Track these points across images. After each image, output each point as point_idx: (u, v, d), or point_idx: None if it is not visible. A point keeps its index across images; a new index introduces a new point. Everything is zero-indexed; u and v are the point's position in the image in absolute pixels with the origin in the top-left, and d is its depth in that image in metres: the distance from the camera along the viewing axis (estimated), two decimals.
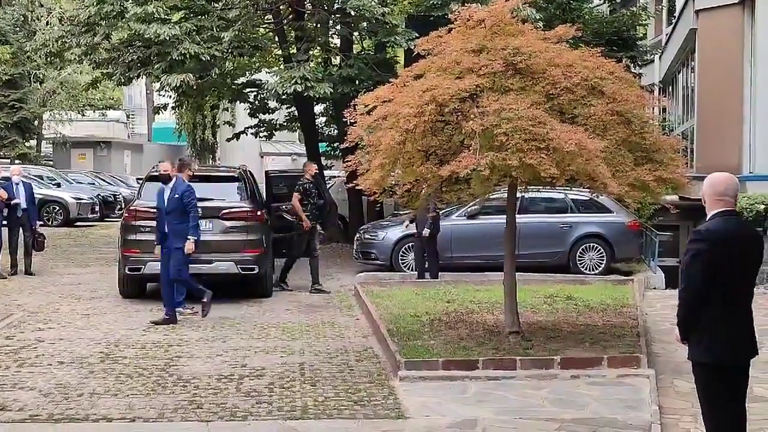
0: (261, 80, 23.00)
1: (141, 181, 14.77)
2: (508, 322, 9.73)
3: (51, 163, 41.89)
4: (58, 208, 25.89)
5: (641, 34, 25.86)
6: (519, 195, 10.57)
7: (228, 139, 27.64)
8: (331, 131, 26.37)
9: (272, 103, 23.94)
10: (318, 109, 25.36)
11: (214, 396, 7.95)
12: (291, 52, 20.05)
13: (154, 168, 14.94)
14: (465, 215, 16.35)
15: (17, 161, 32.60)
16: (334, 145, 25.91)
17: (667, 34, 27.27)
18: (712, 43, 20.15)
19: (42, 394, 7.97)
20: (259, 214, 13.51)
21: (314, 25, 19.96)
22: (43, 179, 27.61)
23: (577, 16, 19.62)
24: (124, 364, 9.12)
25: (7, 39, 36.54)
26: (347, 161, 9.88)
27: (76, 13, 19.77)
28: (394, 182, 9.77)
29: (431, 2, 17.50)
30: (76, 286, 14.66)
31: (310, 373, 8.77)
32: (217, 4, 19.01)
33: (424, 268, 15.17)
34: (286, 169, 29.16)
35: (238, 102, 25.51)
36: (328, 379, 8.53)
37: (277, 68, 20.17)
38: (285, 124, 26.57)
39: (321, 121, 26.80)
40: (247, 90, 23.38)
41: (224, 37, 17.64)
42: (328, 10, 19.65)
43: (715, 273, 5.12)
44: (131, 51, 18.87)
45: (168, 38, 17.09)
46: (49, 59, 23.08)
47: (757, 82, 18.23)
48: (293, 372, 8.82)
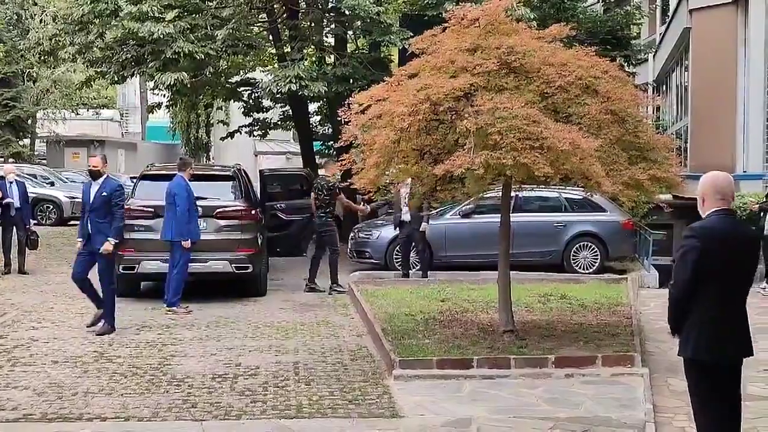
0: (255, 79, 22.99)
1: (135, 180, 14.72)
2: (503, 320, 9.74)
3: (44, 161, 41.80)
4: (51, 206, 25.83)
5: (635, 34, 25.89)
6: (513, 194, 10.55)
7: (222, 138, 27.62)
8: (325, 130, 26.34)
9: (266, 102, 23.94)
10: (312, 107, 25.35)
11: (209, 395, 7.94)
12: (285, 51, 20.05)
13: (148, 167, 14.96)
14: (459, 214, 16.36)
15: (11, 160, 32.53)
16: (329, 144, 25.90)
17: (660, 34, 27.32)
18: (705, 42, 20.21)
19: (36, 393, 7.96)
20: (253, 213, 13.50)
21: (308, 23, 19.96)
22: (36, 178, 27.54)
23: (571, 15, 19.62)
24: (118, 363, 9.11)
25: (1, 37, 36.45)
26: (341, 160, 9.90)
27: (69, 12, 19.73)
28: (388, 181, 9.77)
29: (426, 1, 17.51)
30: (69, 285, 14.50)
31: (305, 372, 8.77)
32: (211, 3, 18.99)
33: (409, 265, 15.26)
34: (281, 168, 29.15)
35: (233, 101, 25.48)
36: (323, 378, 8.53)
37: (272, 67, 20.16)
38: (279, 123, 26.57)
39: (315, 120, 26.78)
40: (242, 89, 23.37)
41: (218, 36, 17.63)
42: (322, 8, 19.65)
43: (707, 271, 5.08)
44: (125, 49, 18.81)
45: (162, 37, 17.08)
46: (42, 57, 23.11)
47: (751, 81, 18.27)
48: (287, 371, 8.82)
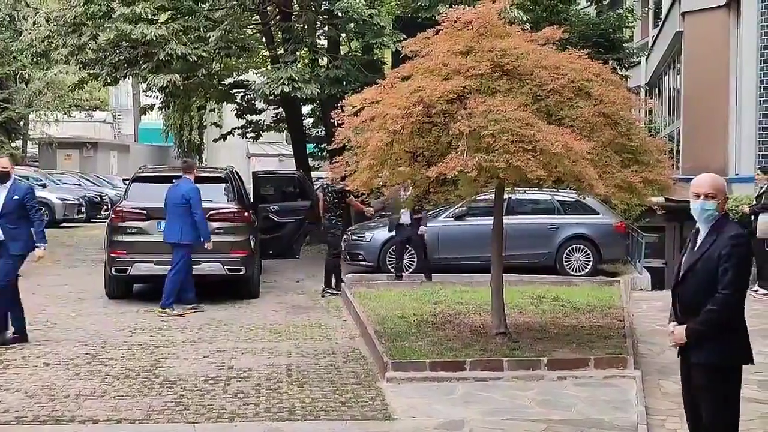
0: (248, 81, 22.98)
1: (127, 182, 14.71)
2: (495, 323, 9.74)
3: (37, 163, 41.72)
4: (43, 209, 25.71)
5: (628, 36, 25.95)
6: (506, 196, 10.56)
7: (215, 140, 27.57)
8: (318, 132, 26.34)
9: (259, 104, 23.91)
10: (305, 110, 25.34)
11: (201, 397, 7.93)
12: (278, 53, 20.05)
13: (141, 169, 14.94)
14: (452, 216, 16.37)
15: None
16: (322, 146, 25.89)
17: (653, 37, 27.40)
18: (698, 46, 20.26)
19: (28, 396, 7.93)
20: (246, 215, 13.49)
21: (301, 26, 19.94)
22: (28, 180, 27.45)
23: (564, 18, 19.67)
24: (111, 366, 9.09)
25: None
26: (334, 162, 9.90)
27: (62, 13, 19.68)
28: (381, 183, 9.77)
29: (419, 4, 17.51)
30: (62, 287, 14.60)
31: (297, 375, 8.76)
32: (204, 5, 18.96)
33: (402, 268, 15.31)
34: (274, 170, 29.11)
35: (226, 103, 25.47)
36: (316, 381, 8.52)
37: (264, 69, 20.13)
38: (272, 125, 26.53)
39: (308, 122, 26.78)
40: (234, 91, 23.34)
41: (211, 38, 17.62)
42: (315, 11, 19.65)
43: None
44: (118, 51, 18.79)
45: (155, 38, 17.06)
46: (35, 59, 23.02)
47: (743, 84, 18.32)
48: (280, 373, 8.81)
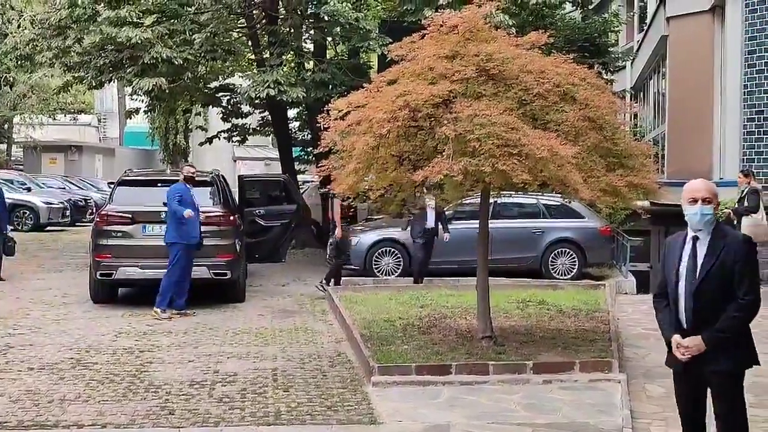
0: (234, 84, 22.95)
1: (113, 186, 14.65)
2: (481, 327, 9.75)
3: (21, 167, 41.51)
4: (28, 212, 25.65)
5: (613, 41, 26.03)
6: (492, 200, 10.58)
7: (201, 144, 27.50)
8: (304, 136, 26.32)
9: (245, 108, 23.88)
10: (291, 113, 25.33)
11: (186, 402, 7.90)
12: (264, 57, 20.03)
13: (126, 172, 14.87)
14: None
15: None
16: (308, 149, 25.88)
17: (638, 41, 27.52)
18: (682, 50, 20.37)
19: (11, 401, 7.89)
20: (231, 218, 13.45)
21: (287, 29, 19.93)
22: (13, 183, 27.36)
23: (550, 23, 19.70)
24: (95, 370, 9.05)
25: None
26: (321, 166, 9.89)
27: (47, 16, 19.59)
28: (367, 187, 9.77)
29: (405, 8, 17.54)
30: (46, 291, 14.53)
31: (283, 379, 8.74)
32: (189, 8, 18.91)
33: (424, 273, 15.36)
34: (260, 173, 29.05)
35: (211, 106, 25.40)
36: (301, 385, 8.50)
37: (250, 72, 20.11)
38: (258, 128, 26.53)
39: (294, 125, 26.76)
40: (220, 94, 23.30)
41: (196, 40, 17.58)
42: (301, 14, 19.64)
43: None
44: (103, 55, 18.70)
45: (140, 42, 17.00)
46: (19, 62, 22.89)
47: (727, 89, 18.43)
48: (266, 378, 8.79)
